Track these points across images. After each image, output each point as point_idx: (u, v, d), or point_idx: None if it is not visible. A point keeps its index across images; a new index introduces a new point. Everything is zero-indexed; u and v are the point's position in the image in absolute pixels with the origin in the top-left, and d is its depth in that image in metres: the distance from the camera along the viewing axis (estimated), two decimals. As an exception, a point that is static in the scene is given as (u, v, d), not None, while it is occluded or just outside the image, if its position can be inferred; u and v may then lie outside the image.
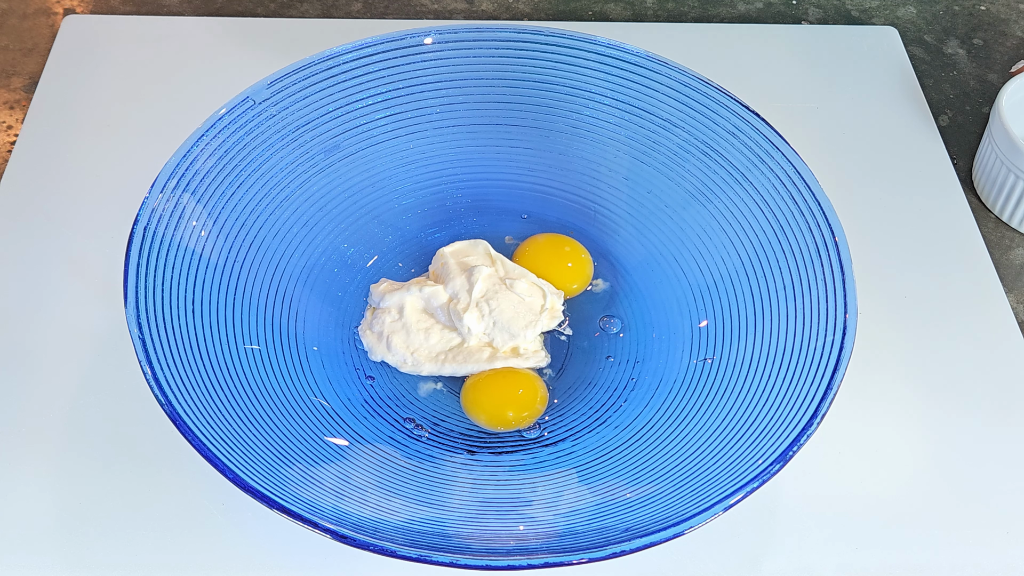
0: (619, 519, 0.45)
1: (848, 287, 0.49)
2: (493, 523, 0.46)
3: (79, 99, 0.68)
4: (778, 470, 0.44)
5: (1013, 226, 0.65)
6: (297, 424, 0.49)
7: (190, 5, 0.77)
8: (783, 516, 0.51)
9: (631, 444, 0.50)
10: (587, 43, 0.58)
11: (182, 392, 0.45)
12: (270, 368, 0.51)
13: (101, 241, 0.60)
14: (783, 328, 0.51)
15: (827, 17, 0.78)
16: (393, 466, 0.49)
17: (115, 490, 0.51)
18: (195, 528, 0.50)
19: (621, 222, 0.59)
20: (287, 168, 0.56)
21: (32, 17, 0.75)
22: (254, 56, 0.70)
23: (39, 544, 0.49)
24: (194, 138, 0.53)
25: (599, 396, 0.54)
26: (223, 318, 0.51)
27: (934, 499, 0.52)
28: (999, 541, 0.51)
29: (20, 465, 0.52)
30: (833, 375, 0.47)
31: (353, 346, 0.55)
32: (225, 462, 0.43)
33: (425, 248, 0.60)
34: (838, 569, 0.50)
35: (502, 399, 0.53)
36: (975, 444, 0.54)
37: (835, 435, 0.52)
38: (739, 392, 0.50)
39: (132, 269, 0.48)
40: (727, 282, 0.54)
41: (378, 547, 0.41)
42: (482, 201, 0.61)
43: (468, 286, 0.54)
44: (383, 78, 0.58)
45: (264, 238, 0.55)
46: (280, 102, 0.56)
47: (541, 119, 0.60)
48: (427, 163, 0.60)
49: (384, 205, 0.60)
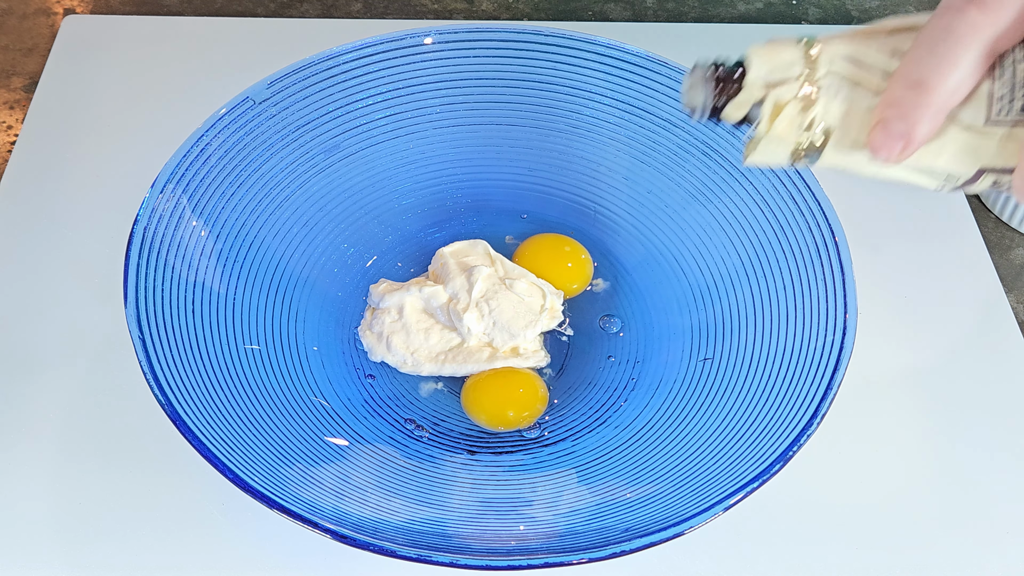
0: (619, 519, 0.45)
1: (848, 287, 0.49)
2: (493, 523, 0.46)
3: (79, 99, 0.68)
4: (778, 470, 0.44)
5: (1013, 226, 0.65)
6: (297, 424, 0.49)
7: (190, 5, 0.77)
8: (783, 516, 0.51)
9: (631, 444, 0.50)
10: (587, 43, 0.58)
11: (182, 392, 0.45)
12: (270, 368, 0.51)
13: (101, 241, 0.60)
14: (783, 328, 0.51)
15: (827, 17, 0.78)
16: (393, 466, 0.49)
17: (115, 490, 0.51)
18: (195, 528, 0.50)
19: (621, 222, 0.59)
20: (287, 168, 0.56)
21: (32, 17, 0.75)
22: (254, 56, 0.70)
23: (39, 544, 0.49)
24: (194, 138, 0.53)
25: (599, 396, 0.54)
26: (223, 318, 0.51)
27: (934, 499, 0.52)
28: (999, 541, 0.51)
29: (20, 465, 0.52)
30: (833, 375, 0.47)
31: (353, 346, 0.55)
32: (225, 462, 0.43)
33: (425, 248, 0.60)
34: (838, 569, 0.50)
35: (502, 399, 0.53)
36: (975, 444, 0.54)
37: (835, 435, 0.52)
38: (739, 392, 0.50)
39: (132, 269, 0.48)
40: (727, 282, 0.54)
41: (378, 547, 0.41)
42: (482, 201, 0.61)
43: (468, 286, 0.54)
44: (383, 78, 0.58)
45: (264, 238, 0.55)
46: (280, 102, 0.56)
47: (541, 119, 0.60)
48: (427, 163, 0.60)
49: (384, 205, 0.60)
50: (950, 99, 0.32)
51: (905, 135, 0.33)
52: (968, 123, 0.33)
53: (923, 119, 0.32)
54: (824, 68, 0.34)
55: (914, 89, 0.32)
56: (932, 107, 0.32)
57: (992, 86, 0.33)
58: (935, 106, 0.32)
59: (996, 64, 0.33)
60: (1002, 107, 0.32)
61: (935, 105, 0.32)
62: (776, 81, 0.35)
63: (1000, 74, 0.32)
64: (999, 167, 0.33)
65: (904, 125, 0.33)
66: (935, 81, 0.32)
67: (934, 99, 0.32)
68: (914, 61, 0.32)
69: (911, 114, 0.32)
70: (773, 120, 0.35)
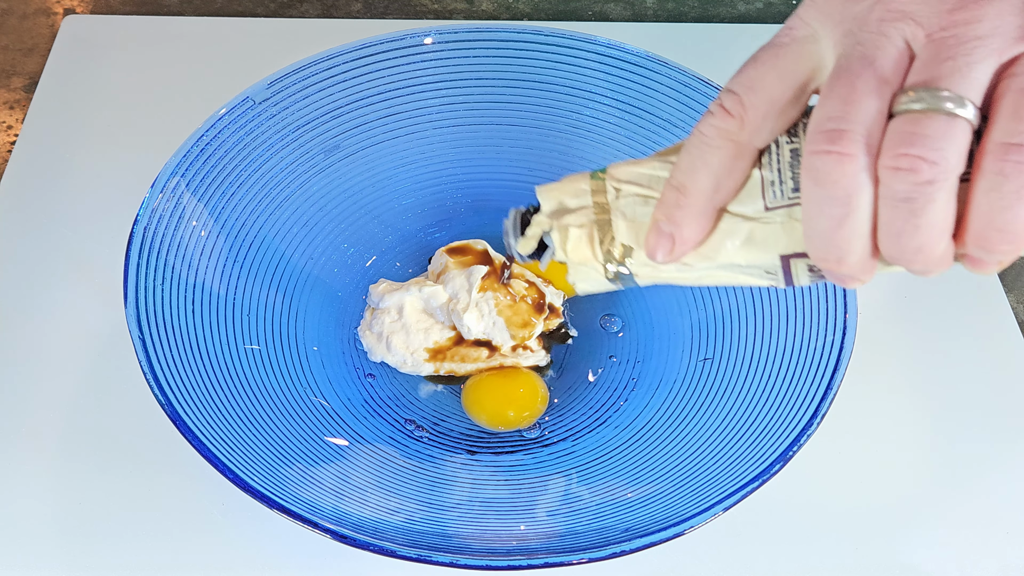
0: (619, 519, 0.45)
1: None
2: (493, 523, 0.46)
3: (79, 99, 0.68)
4: (778, 470, 0.44)
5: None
6: (297, 424, 0.49)
7: (190, 5, 0.77)
8: (783, 516, 0.51)
9: (631, 444, 0.50)
10: (587, 43, 0.58)
11: (182, 392, 0.45)
12: (270, 368, 0.51)
13: (101, 241, 0.60)
14: (783, 328, 0.51)
15: (827, 17, 0.78)
16: (393, 466, 0.49)
17: (115, 490, 0.51)
18: (195, 528, 0.50)
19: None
20: (287, 168, 0.56)
21: (32, 17, 0.75)
22: (254, 56, 0.70)
23: (39, 544, 0.49)
24: (194, 138, 0.53)
25: (599, 396, 0.54)
26: (223, 318, 0.51)
27: (934, 499, 0.52)
28: (999, 541, 0.51)
29: (20, 465, 0.52)
30: (833, 375, 0.47)
31: (353, 346, 0.55)
32: (225, 462, 0.43)
33: (424, 248, 0.60)
34: (838, 569, 0.50)
35: (503, 399, 0.53)
36: (975, 444, 0.54)
37: (835, 435, 0.52)
38: (739, 392, 0.50)
39: (132, 269, 0.48)
40: (727, 282, 0.54)
41: (378, 547, 0.41)
42: (482, 201, 0.61)
43: (468, 286, 0.54)
44: (383, 78, 0.58)
45: (264, 238, 0.55)
46: (280, 102, 0.56)
47: (541, 119, 0.60)
48: (427, 163, 0.60)
49: (384, 205, 0.60)
50: (710, 197, 0.34)
51: (671, 235, 0.35)
52: (750, 214, 0.34)
53: (685, 218, 0.34)
54: (612, 191, 0.36)
55: (676, 192, 0.34)
56: (692, 207, 0.34)
57: (763, 174, 0.34)
58: (695, 206, 0.34)
59: (764, 153, 0.34)
60: (775, 192, 0.33)
61: (695, 205, 0.34)
62: (565, 211, 0.37)
63: (768, 161, 0.33)
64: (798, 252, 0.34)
65: (670, 226, 0.35)
66: (691, 183, 0.34)
67: (692, 200, 0.34)
68: (676, 168, 0.34)
69: (674, 215, 0.34)
70: (565, 246, 0.37)
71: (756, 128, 0.33)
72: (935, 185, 0.29)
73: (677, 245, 0.35)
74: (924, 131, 0.29)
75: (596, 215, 0.37)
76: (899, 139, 0.30)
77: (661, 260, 0.35)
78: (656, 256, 0.35)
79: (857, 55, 0.31)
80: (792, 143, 0.33)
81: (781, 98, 0.33)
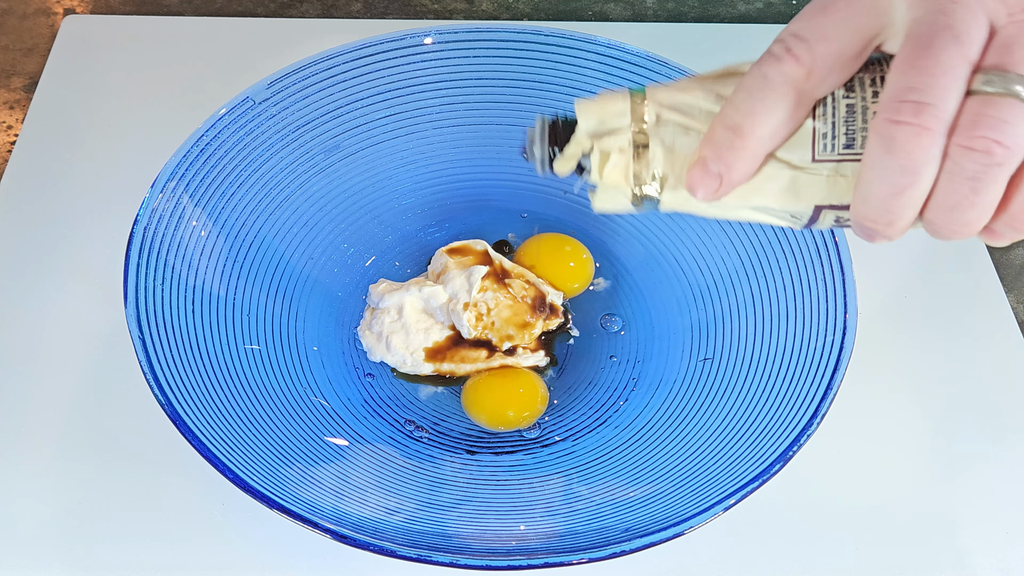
0: (619, 519, 0.45)
1: (848, 287, 0.49)
2: (493, 523, 0.46)
3: (79, 99, 0.68)
4: (778, 470, 0.44)
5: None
6: (297, 424, 0.49)
7: (190, 5, 0.77)
8: (783, 516, 0.51)
9: (631, 444, 0.50)
10: (587, 43, 0.58)
11: (182, 392, 0.45)
12: (270, 368, 0.51)
13: (101, 241, 0.60)
14: (783, 328, 0.51)
15: (827, 17, 0.78)
16: (393, 466, 0.49)
17: (115, 490, 0.51)
18: (195, 528, 0.50)
19: (621, 222, 0.59)
20: (287, 168, 0.56)
21: (32, 17, 0.75)
22: (254, 56, 0.70)
23: (39, 544, 0.49)
24: (194, 138, 0.53)
25: (599, 396, 0.54)
26: (223, 318, 0.51)
27: (934, 499, 0.52)
28: (999, 541, 0.51)
29: (20, 465, 0.52)
30: (833, 375, 0.47)
31: (353, 346, 0.55)
32: (225, 462, 0.43)
33: (424, 248, 0.60)
34: (838, 569, 0.50)
35: (502, 399, 0.53)
36: (975, 444, 0.54)
37: (835, 435, 0.52)
38: (739, 392, 0.50)
39: (132, 269, 0.48)
40: (727, 282, 0.54)
41: (378, 547, 0.41)
42: (482, 201, 0.61)
43: (468, 286, 0.54)
44: (383, 78, 0.58)
45: (264, 238, 0.55)
46: (280, 102, 0.56)
47: (541, 119, 0.60)
48: (427, 163, 0.60)
49: (384, 205, 0.60)
50: (766, 143, 0.34)
51: (719, 175, 0.34)
52: (795, 162, 0.34)
53: (738, 161, 0.34)
54: (652, 116, 0.35)
55: (730, 132, 0.34)
56: (746, 150, 0.34)
57: (815, 125, 0.33)
58: (749, 149, 0.34)
59: (819, 104, 0.34)
60: (826, 144, 0.33)
61: (749, 149, 0.34)
62: (604, 132, 0.36)
63: (823, 113, 0.33)
64: (835, 204, 0.34)
65: (719, 166, 0.34)
66: (749, 127, 0.33)
67: (748, 143, 0.33)
68: (733, 106, 0.34)
69: (726, 156, 0.34)
70: (602, 169, 0.36)
71: (821, 79, 0.33)
72: (1003, 168, 0.30)
73: (724, 186, 0.34)
74: (1001, 115, 0.30)
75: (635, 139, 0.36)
76: (976, 120, 0.30)
77: (702, 198, 0.35)
78: (699, 193, 0.35)
79: (941, 25, 0.31)
80: (848, 98, 0.33)
81: (848, 51, 0.33)
